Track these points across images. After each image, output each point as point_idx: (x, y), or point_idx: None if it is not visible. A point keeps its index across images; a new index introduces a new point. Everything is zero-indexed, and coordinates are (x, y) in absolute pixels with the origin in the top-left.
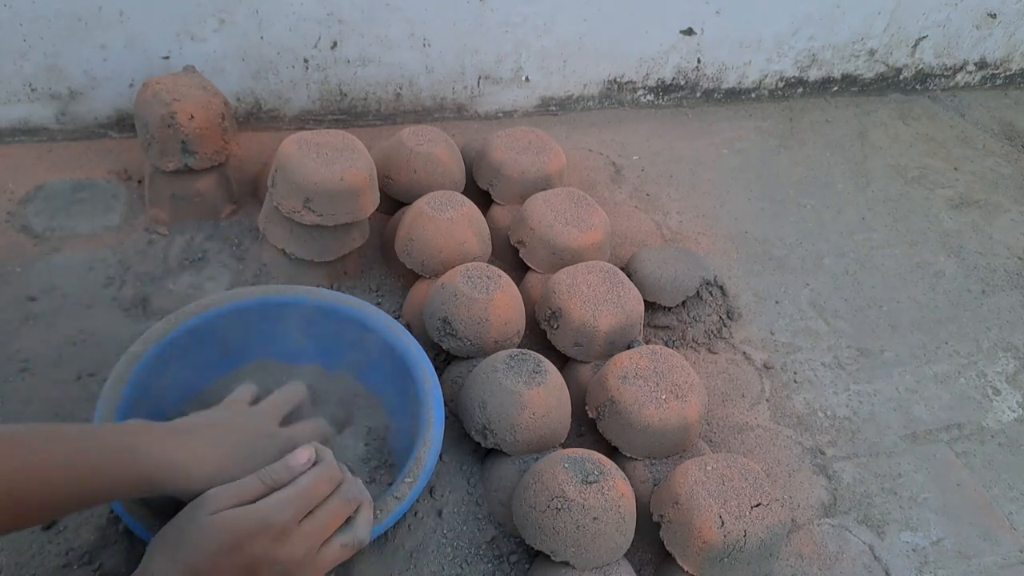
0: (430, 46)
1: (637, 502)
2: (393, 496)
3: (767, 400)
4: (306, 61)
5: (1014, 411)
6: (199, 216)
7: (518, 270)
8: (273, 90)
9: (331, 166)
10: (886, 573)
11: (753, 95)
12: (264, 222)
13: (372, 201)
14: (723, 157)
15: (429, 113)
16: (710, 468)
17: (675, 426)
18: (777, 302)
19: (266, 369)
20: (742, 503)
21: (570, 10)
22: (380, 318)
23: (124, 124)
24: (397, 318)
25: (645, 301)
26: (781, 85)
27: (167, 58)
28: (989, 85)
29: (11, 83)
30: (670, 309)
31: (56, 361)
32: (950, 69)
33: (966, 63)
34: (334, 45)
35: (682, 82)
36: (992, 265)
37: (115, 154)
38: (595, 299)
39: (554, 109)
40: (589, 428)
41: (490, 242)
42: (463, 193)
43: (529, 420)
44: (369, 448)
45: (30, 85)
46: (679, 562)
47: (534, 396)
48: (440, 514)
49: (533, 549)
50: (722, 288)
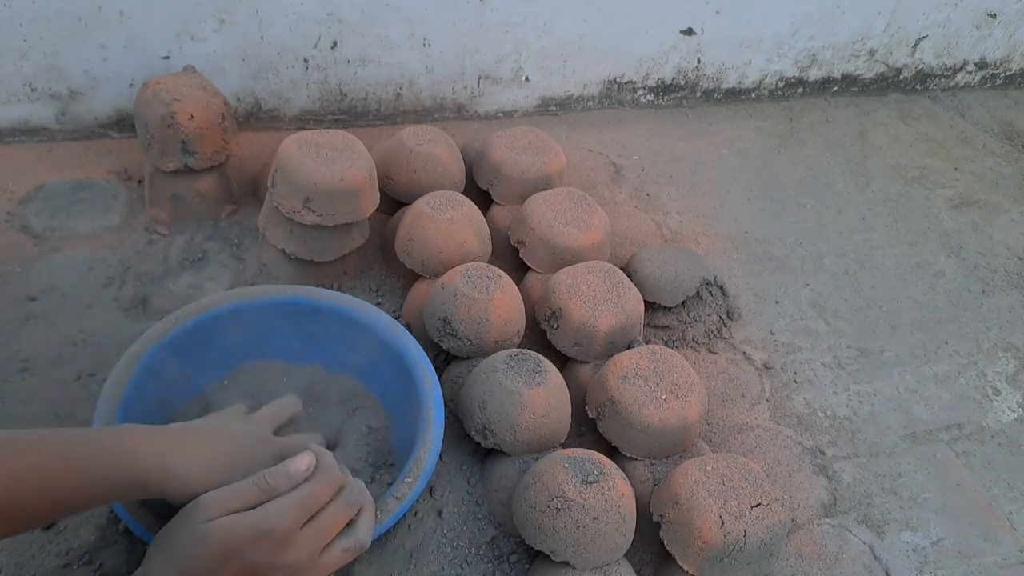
0: (430, 46)
1: (637, 502)
2: (393, 496)
3: (767, 400)
4: (306, 61)
5: (1014, 411)
6: (199, 216)
7: (518, 270)
8: (273, 90)
9: (331, 166)
10: (886, 573)
11: (753, 95)
12: (264, 222)
13: (372, 201)
14: (723, 157)
15: (429, 113)
16: (710, 468)
17: (675, 426)
18: (777, 302)
19: (266, 369)
20: (742, 503)
21: (570, 10)
22: (380, 318)
23: (124, 124)
24: (397, 318)
25: (645, 301)
26: (781, 85)
27: (167, 58)
28: (989, 85)
29: (11, 83)
30: (670, 309)
31: (56, 361)
32: (950, 69)
33: (966, 63)
34: (334, 45)
35: (682, 82)
36: (992, 265)
37: (115, 154)
38: (595, 299)
39: (554, 109)
40: (589, 428)
41: (490, 242)
42: (463, 193)
43: (529, 420)
44: (369, 448)
45: (30, 85)
46: (679, 562)
47: (534, 396)
48: (440, 514)
49: (533, 549)
50: (722, 288)
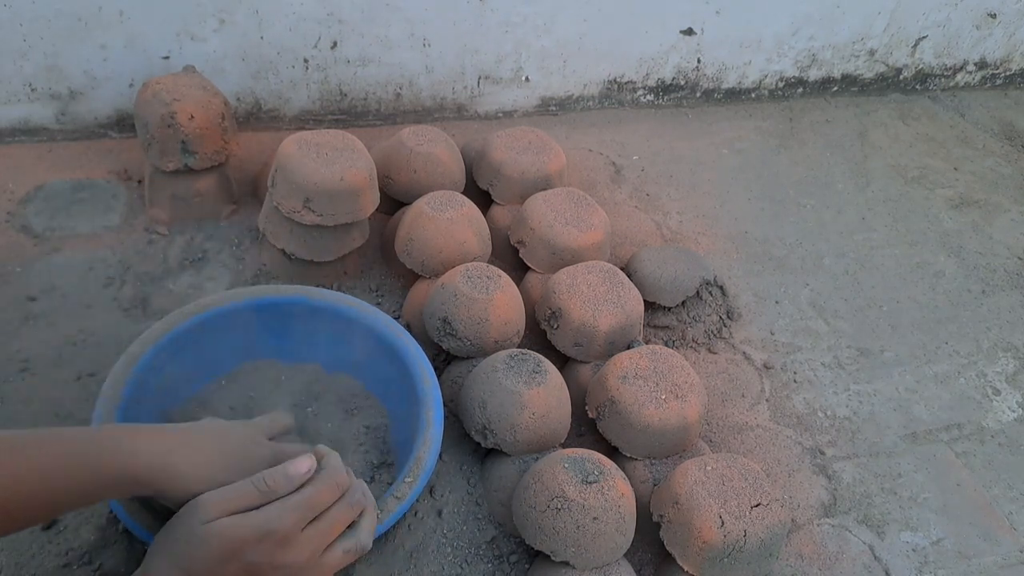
0: (430, 46)
1: (637, 502)
2: (393, 496)
3: (767, 400)
4: (306, 61)
5: (1014, 411)
6: (199, 216)
7: (518, 270)
8: (273, 90)
9: (331, 166)
10: (886, 573)
11: (753, 95)
12: (264, 222)
13: (372, 201)
14: (723, 157)
15: (429, 113)
16: (710, 468)
17: (675, 426)
18: (777, 302)
19: (264, 370)
20: (742, 503)
21: (570, 10)
22: (379, 318)
23: (124, 124)
24: (397, 318)
25: (645, 301)
26: (781, 85)
27: (167, 58)
28: (989, 85)
29: (11, 83)
30: (670, 309)
31: (56, 361)
32: (950, 69)
33: (966, 63)
34: (334, 45)
35: (682, 82)
36: (992, 265)
37: (115, 154)
38: (595, 299)
39: (554, 109)
40: (589, 428)
41: (490, 242)
42: (463, 193)
43: (529, 420)
44: (368, 448)
45: (30, 85)
46: (679, 562)
47: (534, 396)
48: (440, 514)
49: (533, 549)
50: (722, 288)
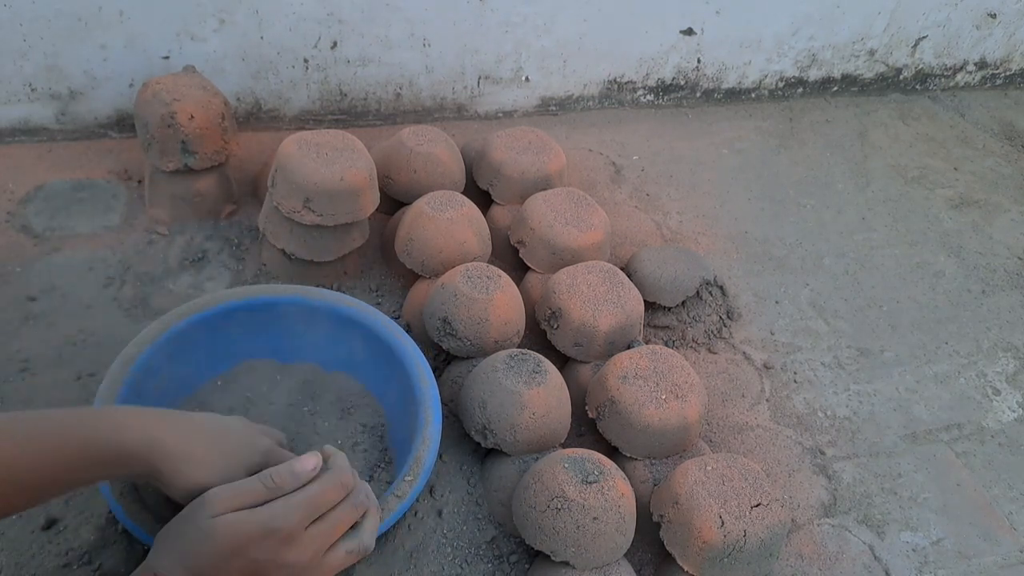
0: (430, 46)
1: (637, 502)
2: (394, 495)
3: (767, 400)
4: (306, 61)
5: (1014, 411)
6: (199, 216)
7: (518, 270)
8: (273, 90)
9: (331, 166)
10: (886, 573)
11: (753, 95)
12: (264, 222)
13: (372, 201)
14: (723, 157)
15: (429, 113)
16: (710, 468)
17: (675, 426)
18: (777, 302)
19: (261, 369)
20: (742, 503)
21: (570, 10)
22: (377, 317)
23: (124, 124)
24: (397, 318)
25: (645, 301)
26: (781, 85)
27: (167, 58)
28: (989, 85)
29: (11, 83)
30: (670, 309)
31: (56, 361)
32: (950, 69)
33: (966, 63)
34: (334, 45)
35: (682, 82)
36: (992, 265)
37: (115, 154)
38: (595, 299)
39: (554, 109)
40: (589, 428)
41: (490, 242)
42: (463, 193)
43: (529, 420)
44: (366, 447)
45: (30, 85)
46: (679, 562)
47: (534, 396)
48: (440, 514)
49: (533, 549)
50: (722, 288)
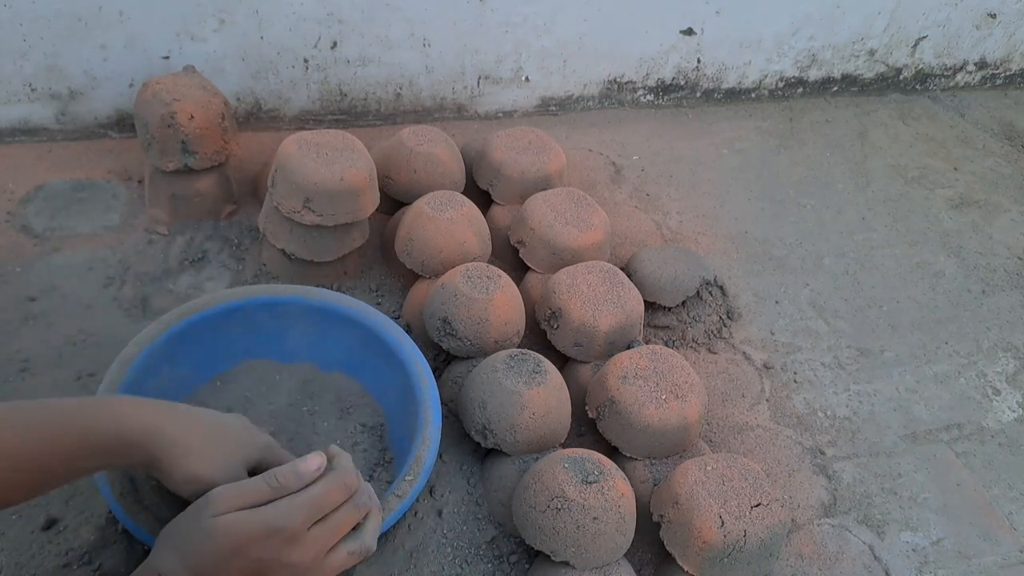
0: (430, 46)
1: (637, 502)
2: (395, 495)
3: (767, 400)
4: (306, 61)
5: (1014, 411)
6: (199, 216)
7: (518, 270)
8: (273, 90)
9: (331, 166)
10: (886, 573)
11: (753, 95)
12: (264, 222)
13: (372, 201)
14: (723, 157)
15: (429, 113)
16: (710, 468)
17: (675, 426)
18: (777, 302)
19: (259, 369)
20: (742, 503)
21: (570, 10)
22: (376, 317)
23: (124, 124)
24: (397, 318)
25: (645, 301)
26: (781, 85)
27: (167, 58)
28: (989, 85)
29: (11, 83)
30: (670, 309)
31: (56, 361)
32: (950, 69)
33: (966, 63)
34: (334, 45)
35: (682, 82)
36: (992, 265)
37: (115, 154)
38: (595, 299)
39: (554, 109)
40: (589, 428)
41: (490, 242)
42: (463, 193)
43: (529, 420)
44: (366, 446)
45: (30, 85)
46: (679, 562)
47: (534, 396)
48: (440, 514)
49: (533, 549)
50: (722, 288)
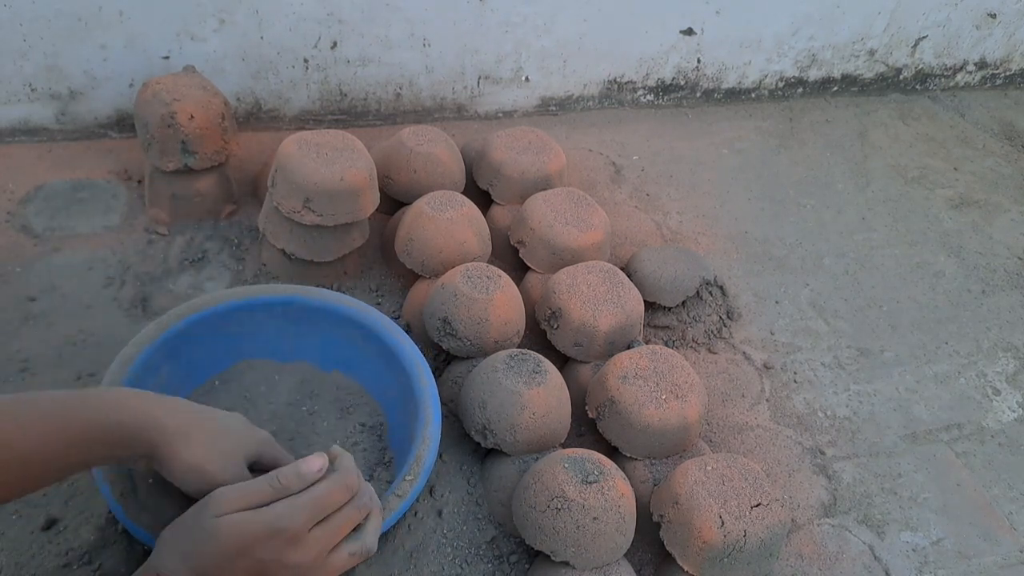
0: (430, 46)
1: (637, 502)
2: (395, 494)
3: (767, 400)
4: (306, 61)
5: (1014, 411)
6: (199, 216)
7: (518, 270)
8: (273, 90)
9: (331, 166)
10: (886, 573)
11: (753, 95)
12: (264, 222)
13: (372, 201)
14: (723, 157)
15: (429, 113)
16: (710, 468)
17: (675, 426)
18: (777, 302)
19: (259, 369)
20: (742, 503)
21: (570, 10)
22: (376, 317)
23: (124, 124)
24: (397, 318)
25: (645, 301)
26: (781, 85)
27: (167, 58)
28: (989, 85)
29: (11, 83)
30: (670, 309)
31: (56, 361)
32: (950, 69)
33: (966, 63)
34: (334, 45)
35: (682, 82)
36: (992, 265)
37: (115, 154)
38: (595, 299)
39: (554, 109)
40: (589, 428)
41: (490, 242)
42: (463, 193)
43: (529, 420)
44: (365, 446)
45: (30, 85)
46: (679, 562)
47: (534, 396)
48: (440, 514)
49: (533, 549)
50: (722, 288)
